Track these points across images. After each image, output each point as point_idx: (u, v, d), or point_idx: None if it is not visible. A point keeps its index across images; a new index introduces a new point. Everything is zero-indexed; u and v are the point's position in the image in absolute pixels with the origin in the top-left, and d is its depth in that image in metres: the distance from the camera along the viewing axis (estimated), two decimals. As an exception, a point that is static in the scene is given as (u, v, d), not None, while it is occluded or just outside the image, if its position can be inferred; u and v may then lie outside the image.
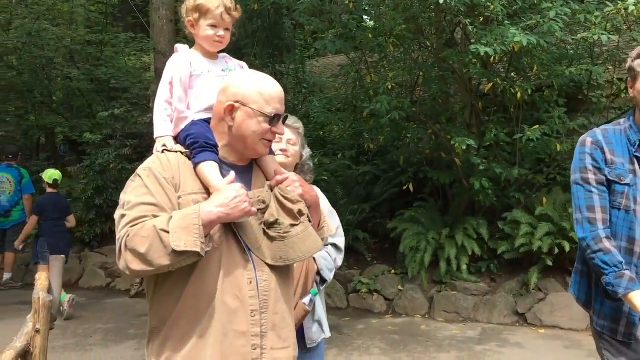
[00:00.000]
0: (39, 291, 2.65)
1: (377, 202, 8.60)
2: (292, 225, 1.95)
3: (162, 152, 2.04)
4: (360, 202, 8.58)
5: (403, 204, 8.27)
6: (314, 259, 2.87)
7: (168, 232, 1.77)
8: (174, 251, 1.76)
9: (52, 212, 7.54)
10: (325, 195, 3.05)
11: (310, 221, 2.00)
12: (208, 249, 1.83)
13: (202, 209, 1.83)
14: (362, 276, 7.73)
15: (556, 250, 6.67)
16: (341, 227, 3.09)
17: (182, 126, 2.08)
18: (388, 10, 7.05)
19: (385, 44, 6.86)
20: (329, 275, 2.98)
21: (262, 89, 1.99)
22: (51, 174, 7.67)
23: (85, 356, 6.02)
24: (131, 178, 1.99)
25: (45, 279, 2.76)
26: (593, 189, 2.52)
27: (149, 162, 2.00)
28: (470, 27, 6.35)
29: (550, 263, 6.73)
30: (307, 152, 3.14)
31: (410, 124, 7.19)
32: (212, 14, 2.15)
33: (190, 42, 2.29)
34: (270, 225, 1.95)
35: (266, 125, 1.99)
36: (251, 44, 9.12)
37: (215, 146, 2.01)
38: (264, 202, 2.00)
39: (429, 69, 7.28)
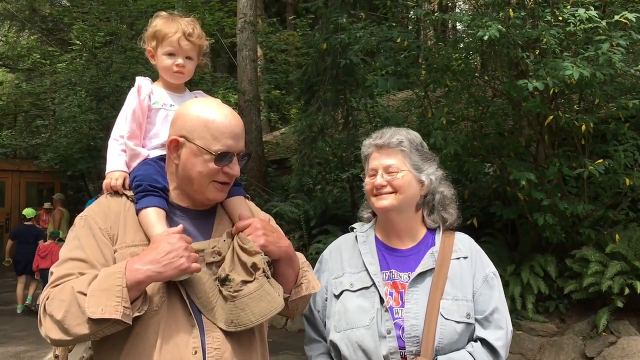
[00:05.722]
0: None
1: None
2: (245, 282, 1.62)
3: (107, 195, 1.79)
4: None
5: (470, 239, 8.08)
6: None
7: (86, 295, 1.48)
8: (91, 318, 1.46)
9: (26, 238, 10.23)
10: None
11: (268, 277, 1.65)
12: (139, 314, 1.53)
13: (128, 266, 1.52)
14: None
15: (627, 291, 6.28)
16: (504, 314, 1.94)
17: (134, 164, 1.85)
18: (444, 47, 7.06)
19: (442, 80, 6.85)
20: None
21: (209, 122, 1.68)
22: (24, 211, 10.77)
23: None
24: (72, 226, 1.76)
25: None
26: None
27: (87, 209, 1.76)
28: (527, 61, 6.26)
29: (621, 304, 6.34)
30: (432, 174, 2.03)
31: (471, 158, 7.08)
32: (169, 41, 1.91)
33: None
34: (222, 282, 1.65)
35: (213, 165, 1.67)
36: (322, 81, 9.42)
37: (164, 189, 1.75)
38: (219, 253, 1.70)
39: (486, 103, 7.17)
